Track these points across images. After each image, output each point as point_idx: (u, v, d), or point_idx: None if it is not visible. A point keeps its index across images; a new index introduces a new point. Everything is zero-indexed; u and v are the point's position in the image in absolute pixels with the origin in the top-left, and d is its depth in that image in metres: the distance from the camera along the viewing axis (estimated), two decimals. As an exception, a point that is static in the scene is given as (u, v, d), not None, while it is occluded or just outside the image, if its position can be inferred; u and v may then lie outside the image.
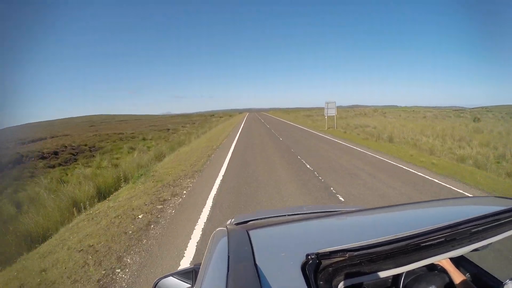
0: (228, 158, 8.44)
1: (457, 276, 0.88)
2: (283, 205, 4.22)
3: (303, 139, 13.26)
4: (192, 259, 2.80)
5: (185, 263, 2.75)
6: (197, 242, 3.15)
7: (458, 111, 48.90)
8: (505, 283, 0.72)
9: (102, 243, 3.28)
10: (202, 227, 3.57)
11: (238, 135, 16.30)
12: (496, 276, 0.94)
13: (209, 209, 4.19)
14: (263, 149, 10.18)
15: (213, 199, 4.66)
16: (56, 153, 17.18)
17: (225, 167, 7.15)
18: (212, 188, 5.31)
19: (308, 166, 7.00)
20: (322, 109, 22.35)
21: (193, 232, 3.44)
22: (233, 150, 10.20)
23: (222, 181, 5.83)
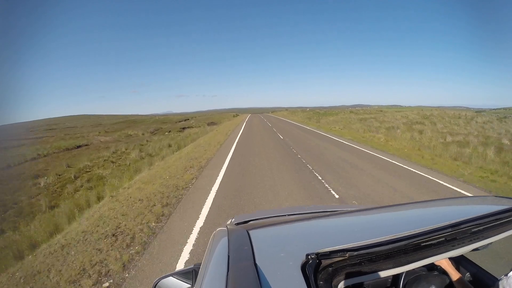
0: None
1: (456, 277, 0.88)
2: None
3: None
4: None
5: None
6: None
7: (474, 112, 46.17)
8: (500, 279, 0.72)
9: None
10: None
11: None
12: (496, 276, 0.94)
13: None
14: None
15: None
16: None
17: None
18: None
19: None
20: (326, 108, 19.92)
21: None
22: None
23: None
